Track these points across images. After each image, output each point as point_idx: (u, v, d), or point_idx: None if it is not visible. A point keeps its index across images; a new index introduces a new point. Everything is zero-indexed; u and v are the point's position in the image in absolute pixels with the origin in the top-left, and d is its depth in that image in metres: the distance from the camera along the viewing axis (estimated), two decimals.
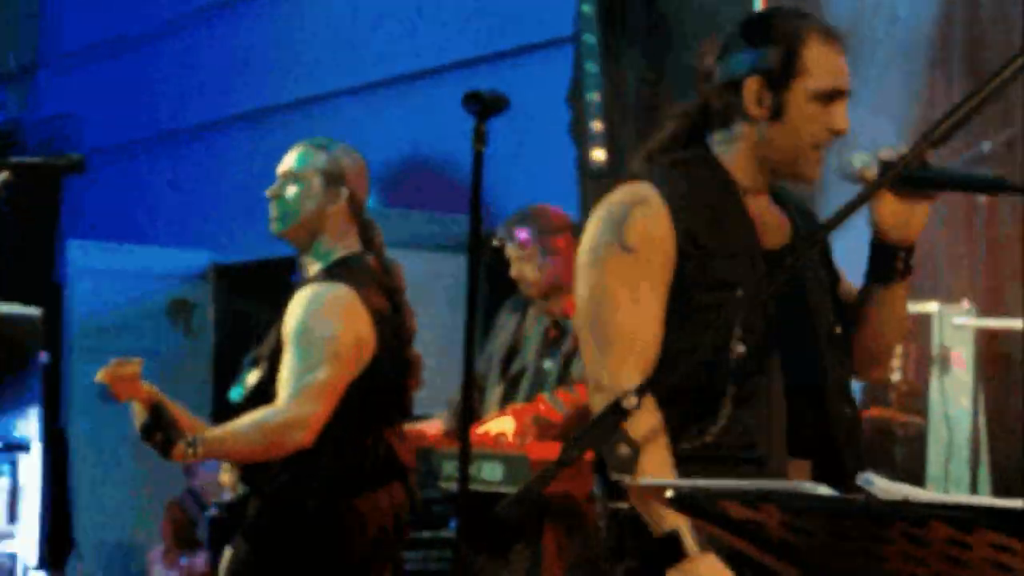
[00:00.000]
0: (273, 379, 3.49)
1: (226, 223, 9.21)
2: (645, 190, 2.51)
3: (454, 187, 7.13)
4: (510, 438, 4.60)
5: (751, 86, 2.50)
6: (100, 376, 3.23)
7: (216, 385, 8.24)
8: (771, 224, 2.64)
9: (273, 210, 3.62)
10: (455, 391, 4.68)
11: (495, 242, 4.88)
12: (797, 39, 2.52)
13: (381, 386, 3.58)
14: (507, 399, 4.86)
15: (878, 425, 5.07)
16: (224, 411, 3.79)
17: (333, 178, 3.60)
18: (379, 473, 3.60)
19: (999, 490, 5.00)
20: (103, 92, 10.71)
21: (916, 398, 5.14)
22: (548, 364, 4.88)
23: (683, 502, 1.78)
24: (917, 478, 4.78)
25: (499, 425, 4.65)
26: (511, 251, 4.81)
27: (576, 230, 4.07)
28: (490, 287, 5.46)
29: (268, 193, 3.62)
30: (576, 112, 6.42)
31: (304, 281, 3.62)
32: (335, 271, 3.56)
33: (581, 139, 6.30)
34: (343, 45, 8.90)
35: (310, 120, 8.74)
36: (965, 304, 5.16)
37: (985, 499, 1.60)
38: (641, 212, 2.48)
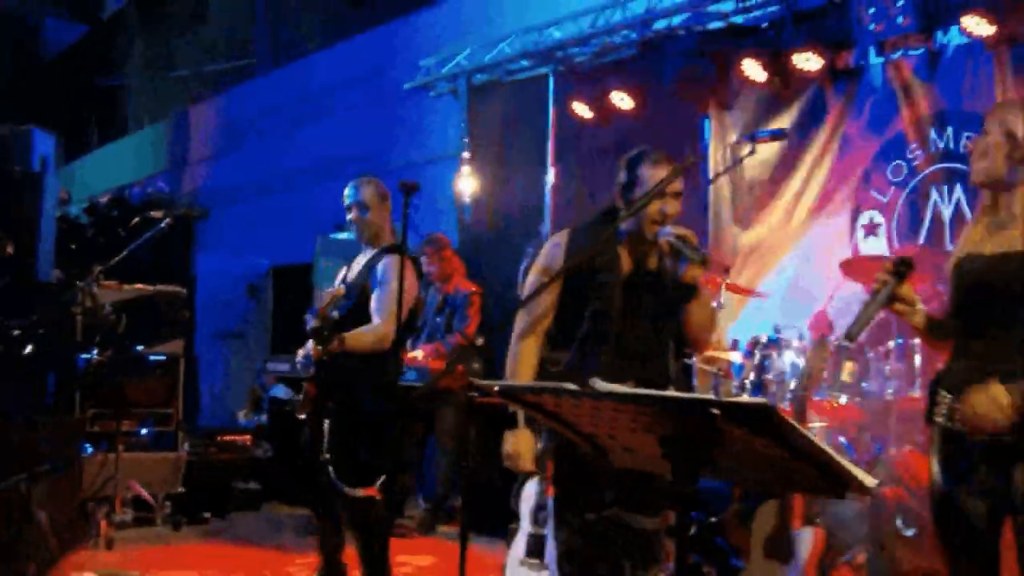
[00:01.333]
0: (361, 307, 5.56)
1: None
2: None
3: None
4: (421, 359, 8.38)
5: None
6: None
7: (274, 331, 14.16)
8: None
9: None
10: None
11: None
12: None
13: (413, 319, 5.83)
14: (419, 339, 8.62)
15: None
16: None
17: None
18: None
19: None
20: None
21: None
22: (438, 319, 8.67)
23: (503, 393, 2.80)
24: None
25: (417, 353, 8.41)
26: (423, 257, 8.52)
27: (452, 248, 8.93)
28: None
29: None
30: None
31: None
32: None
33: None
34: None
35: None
36: None
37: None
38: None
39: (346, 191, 5.83)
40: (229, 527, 8.77)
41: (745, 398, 2.00)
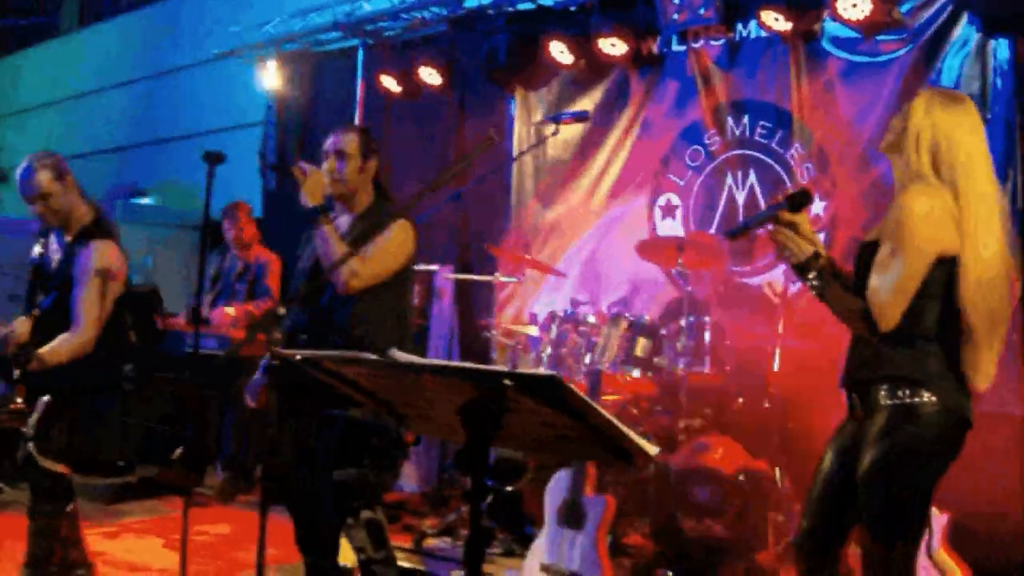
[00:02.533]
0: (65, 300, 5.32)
1: None
2: None
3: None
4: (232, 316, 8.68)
5: None
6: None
7: None
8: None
9: None
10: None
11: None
12: None
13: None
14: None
15: None
16: None
17: None
18: None
19: None
20: None
21: None
22: (239, 286, 8.82)
23: (305, 362, 2.90)
24: None
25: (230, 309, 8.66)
26: (224, 223, 8.86)
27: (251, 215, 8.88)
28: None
29: None
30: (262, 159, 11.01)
31: None
32: None
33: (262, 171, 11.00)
34: None
35: None
36: None
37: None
38: None
39: (20, 183, 5.55)
40: None
41: (537, 370, 2.14)
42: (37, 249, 5.72)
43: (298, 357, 2.85)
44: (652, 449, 2.58)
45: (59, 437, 5.34)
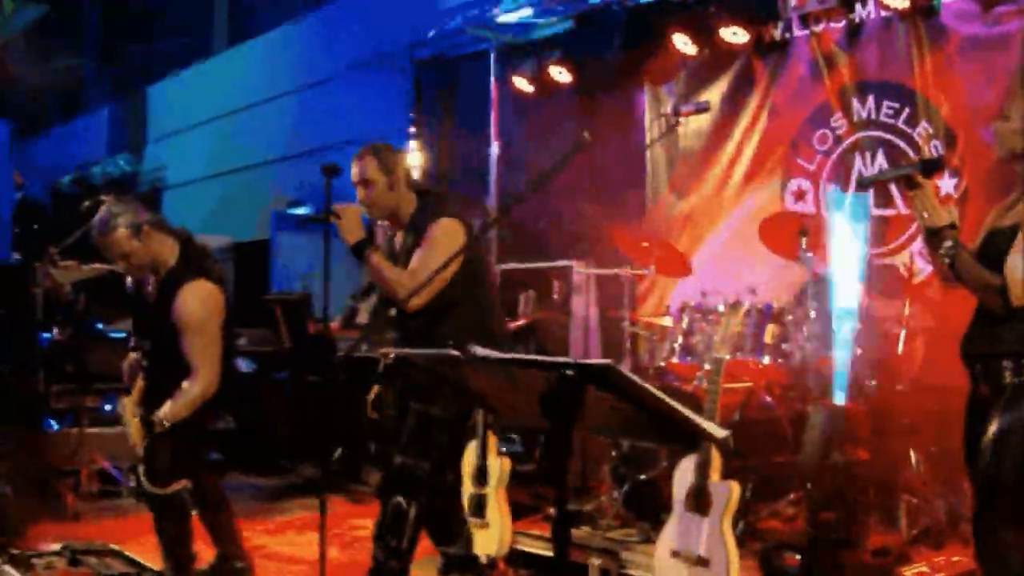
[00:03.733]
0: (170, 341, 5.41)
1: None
2: None
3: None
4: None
5: None
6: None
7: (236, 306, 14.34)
8: None
9: None
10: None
11: None
12: None
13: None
14: None
15: None
16: None
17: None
18: None
19: None
20: None
21: None
22: None
23: (399, 360, 3.10)
24: None
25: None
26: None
27: None
28: None
29: None
30: None
31: None
32: None
33: None
34: None
35: None
36: None
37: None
38: None
39: (96, 238, 5.58)
40: None
41: (592, 360, 2.28)
42: (131, 279, 5.87)
43: (391, 356, 3.06)
44: (720, 432, 2.71)
45: (164, 460, 5.50)
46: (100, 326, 9.28)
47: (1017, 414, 3.75)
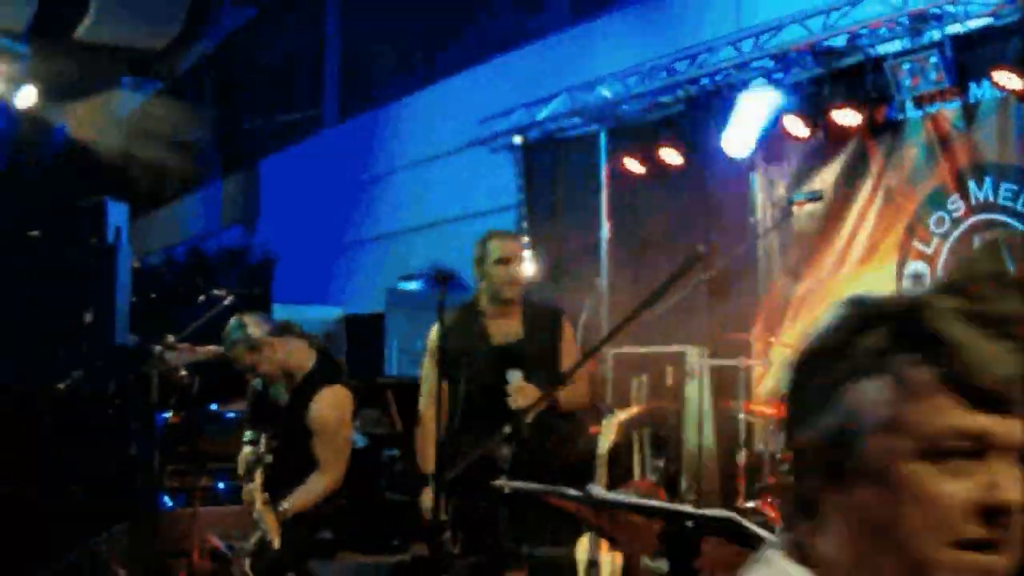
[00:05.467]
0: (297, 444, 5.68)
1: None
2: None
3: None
4: None
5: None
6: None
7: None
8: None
9: None
10: None
11: None
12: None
13: None
14: None
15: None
16: None
17: None
18: None
19: None
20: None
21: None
22: None
23: (516, 494, 3.06)
24: None
25: None
26: None
27: None
28: None
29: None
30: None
31: None
32: None
33: None
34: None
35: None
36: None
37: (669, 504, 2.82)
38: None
39: (229, 348, 5.83)
40: None
41: (713, 511, 2.21)
42: (259, 380, 6.02)
43: (507, 490, 3.04)
44: None
45: (275, 555, 5.58)
46: (214, 407, 9.39)
47: None
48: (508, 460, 4.24)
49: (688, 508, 2.52)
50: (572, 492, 2.81)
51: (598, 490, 2.77)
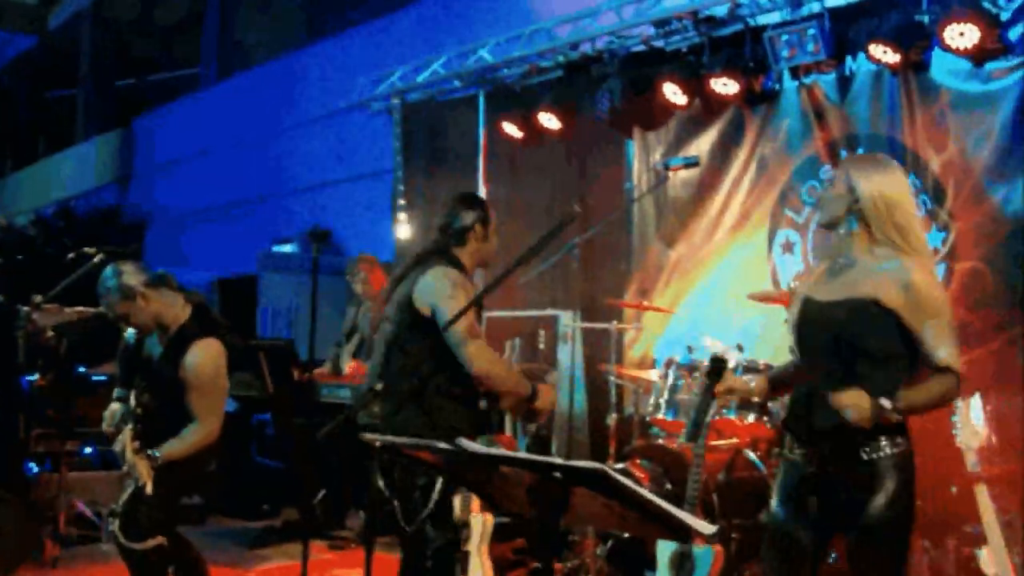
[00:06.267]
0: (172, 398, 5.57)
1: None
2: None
3: None
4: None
5: (479, 227, 5.16)
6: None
7: None
8: None
9: None
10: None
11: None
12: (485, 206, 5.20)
13: None
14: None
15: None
16: None
17: None
18: None
19: None
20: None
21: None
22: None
23: (384, 448, 3.05)
24: None
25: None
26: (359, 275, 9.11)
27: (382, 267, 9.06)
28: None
29: None
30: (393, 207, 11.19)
31: None
32: None
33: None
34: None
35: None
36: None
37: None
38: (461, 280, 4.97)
39: (103, 296, 5.64)
40: None
41: (581, 462, 2.22)
42: (131, 331, 5.87)
43: (378, 443, 3.01)
44: (707, 528, 2.66)
45: (145, 517, 5.47)
46: (82, 370, 9.20)
47: None
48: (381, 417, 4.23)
49: (557, 460, 2.50)
50: (442, 445, 2.79)
51: (468, 443, 2.76)
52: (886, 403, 3.77)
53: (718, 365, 4.14)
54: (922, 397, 3.89)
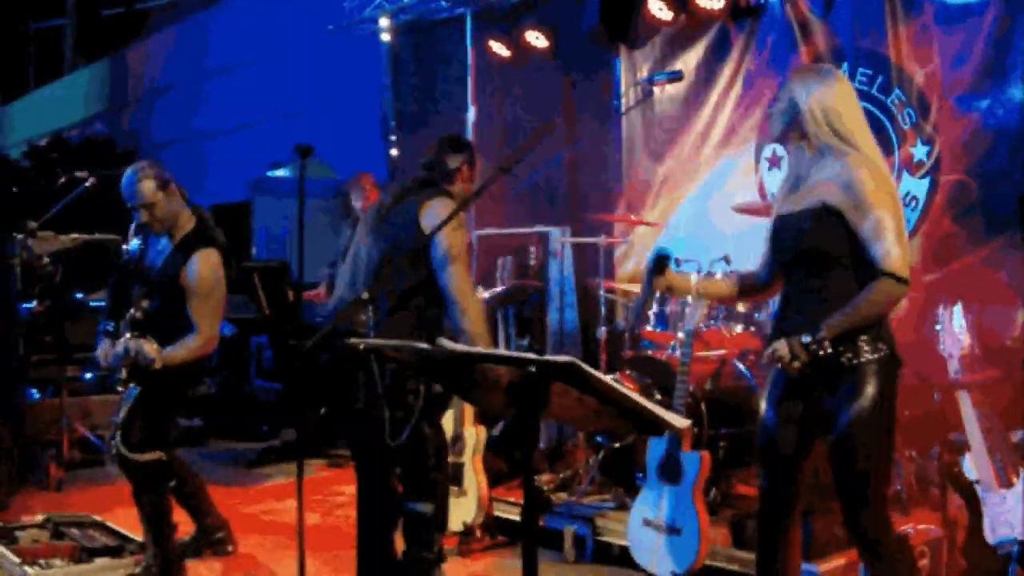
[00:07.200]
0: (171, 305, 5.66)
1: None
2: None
3: None
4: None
5: (466, 169, 5.17)
6: None
7: None
8: None
9: None
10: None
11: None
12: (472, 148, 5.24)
13: None
14: None
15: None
16: None
17: None
18: None
19: None
20: None
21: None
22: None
23: (369, 350, 3.15)
24: None
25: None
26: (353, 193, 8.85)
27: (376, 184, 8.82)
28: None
29: None
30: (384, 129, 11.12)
31: None
32: None
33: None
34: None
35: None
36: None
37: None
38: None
39: (124, 191, 5.68)
40: None
41: (555, 357, 2.32)
42: (136, 243, 5.91)
43: (362, 347, 3.11)
44: (681, 422, 2.77)
45: (144, 429, 5.61)
46: (79, 296, 9.29)
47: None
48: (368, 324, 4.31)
49: (531, 355, 2.60)
50: (422, 346, 2.89)
51: (448, 343, 2.86)
52: (805, 338, 3.87)
53: (660, 260, 4.29)
54: (848, 317, 3.92)
